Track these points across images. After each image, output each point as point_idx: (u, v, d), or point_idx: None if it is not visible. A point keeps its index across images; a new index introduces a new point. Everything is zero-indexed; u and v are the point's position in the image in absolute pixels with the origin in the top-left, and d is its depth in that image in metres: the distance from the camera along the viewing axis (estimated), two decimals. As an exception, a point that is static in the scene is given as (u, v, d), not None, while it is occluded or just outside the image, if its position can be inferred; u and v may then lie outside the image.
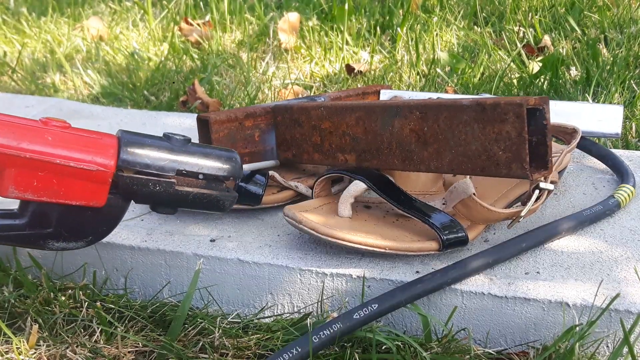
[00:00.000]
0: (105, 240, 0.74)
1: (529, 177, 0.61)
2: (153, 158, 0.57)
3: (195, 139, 0.85)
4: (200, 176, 0.59)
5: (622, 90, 1.20)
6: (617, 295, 0.60)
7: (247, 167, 0.77)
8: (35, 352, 0.66)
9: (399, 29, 1.51)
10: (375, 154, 0.72)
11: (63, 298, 0.72)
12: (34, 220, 0.56)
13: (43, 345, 0.66)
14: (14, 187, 0.52)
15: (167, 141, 0.58)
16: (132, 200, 0.59)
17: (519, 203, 0.72)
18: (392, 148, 0.71)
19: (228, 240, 0.73)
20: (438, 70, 1.33)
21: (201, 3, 1.80)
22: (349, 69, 1.38)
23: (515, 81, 1.28)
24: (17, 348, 0.65)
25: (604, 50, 1.38)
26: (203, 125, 0.81)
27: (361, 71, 1.37)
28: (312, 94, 1.30)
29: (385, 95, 0.97)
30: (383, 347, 0.62)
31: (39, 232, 0.56)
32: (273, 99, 1.30)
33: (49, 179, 0.53)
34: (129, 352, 0.65)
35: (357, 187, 0.72)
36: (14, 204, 0.58)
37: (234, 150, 0.63)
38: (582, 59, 1.34)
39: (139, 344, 0.66)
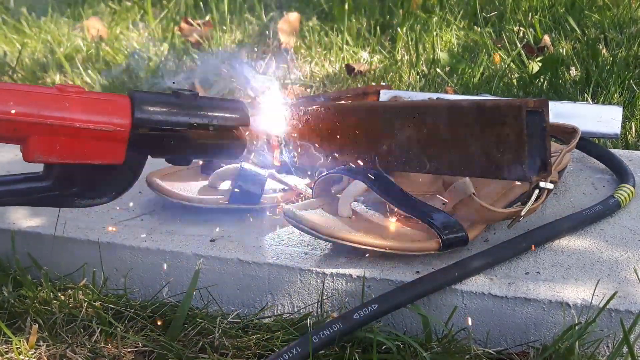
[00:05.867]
0: (105, 239, 0.74)
1: (528, 179, 0.61)
2: (165, 114, 0.59)
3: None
4: (211, 127, 0.61)
5: (621, 91, 1.20)
6: (615, 294, 0.60)
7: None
8: (35, 352, 0.65)
9: (399, 28, 1.51)
10: (375, 155, 0.72)
11: (63, 298, 0.72)
12: (59, 181, 0.59)
13: (43, 345, 0.66)
14: (38, 153, 0.55)
15: (177, 97, 0.61)
16: (149, 155, 0.62)
17: (519, 203, 0.72)
18: (391, 149, 0.70)
19: (228, 240, 0.73)
20: (438, 70, 1.33)
21: (201, 3, 1.80)
22: (349, 69, 1.38)
23: (515, 81, 1.28)
24: (17, 348, 0.65)
25: (604, 50, 1.38)
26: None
27: (361, 71, 1.37)
28: (312, 94, 1.30)
29: (385, 95, 0.97)
30: (383, 347, 0.62)
31: (65, 192, 0.59)
32: (273, 99, 1.30)
33: (70, 142, 0.56)
34: (128, 352, 0.65)
35: (357, 187, 0.72)
36: (37, 167, 0.60)
37: (240, 100, 0.65)
38: (582, 59, 1.34)
39: (138, 343, 0.66)
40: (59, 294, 0.73)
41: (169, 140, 0.60)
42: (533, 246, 0.68)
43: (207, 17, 1.73)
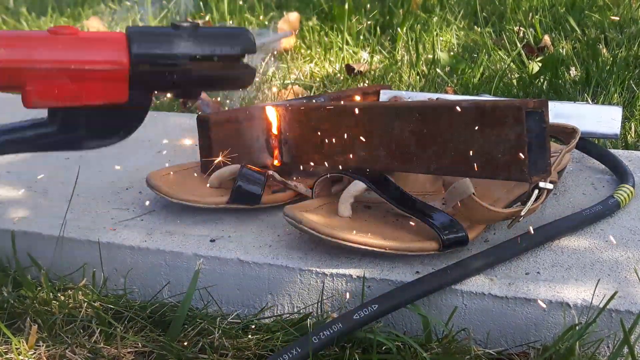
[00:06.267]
0: (105, 240, 0.74)
1: (528, 180, 0.61)
2: (164, 48, 0.58)
3: (195, 139, 0.85)
4: (215, 58, 0.60)
5: (621, 91, 1.20)
6: (615, 294, 0.60)
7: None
8: (34, 353, 0.65)
9: (399, 28, 1.51)
10: (374, 155, 0.72)
11: (62, 298, 0.72)
12: (65, 125, 0.58)
13: (42, 345, 0.66)
14: (37, 98, 0.54)
15: (176, 29, 0.59)
16: (154, 91, 0.60)
17: (519, 203, 0.72)
18: (391, 149, 0.71)
19: (228, 240, 0.73)
20: (438, 70, 1.33)
21: (201, 3, 1.80)
22: (349, 69, 1.38)
23: (515, 81, 1.28)
24: (17, 348, 0.65)
25: (604, 51, 1.38)
26: (203, 125, 0.81)
27: (361, 71, 1.37)
28: (312, 94, 1.30)
29: (385, 95, 0.96)
30: (383, 348, 0.62)
31: (72, 136, 0.59)
32: (273, 99, 1.30)
33: (67, 85, 0.55)
34: (128, 352, 0.65)
35: (357, 187, 0.72)
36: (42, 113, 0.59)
37: (243, 27, 0.64)
38: (582, 59, 1.34)
39: (138, 344, 0.66)
40: (59, 294, 0.73)
41: (172, 74, 0.58)
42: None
43: (207, 17, 1.73)
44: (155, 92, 0.60)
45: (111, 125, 0.59)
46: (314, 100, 0.91)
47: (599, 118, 0.89)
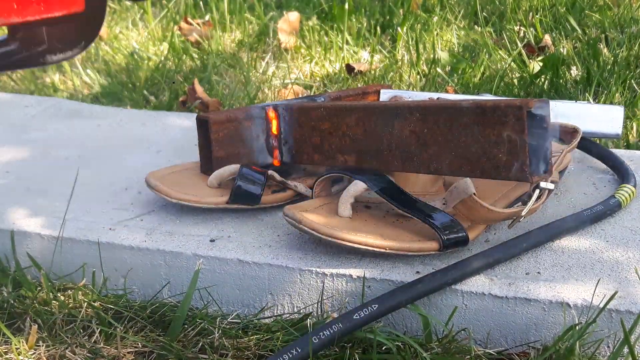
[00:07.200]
0: (105, 240, 0.74)
1: (529, 180, 0.61)
2: None
3: (194, 138, 0.85)
4: None
5: (622, 90, 1.20)
6: (615, 294, 0.60)
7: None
8: (34, 353, 0.65)
9: (399, 28, 1.51)
10: (375, 155, 0.72)
11: (62, 298, 0.72)
12: (26, 41, 0.59)
13: (42, 345, 0.66)
14: None
15: None
16: None
17: (520, 203, 0.72)
18: (392, 149, 0.70)
19: (228, 240, 0.73)
20: (438, 70, 1.33)
21: (201, 2, 1.80)
22: (349, 69, 1.38)
23: (515, 81, 1.28)
24: (17, 348, 0.65)
25: (605, 50, 1.38)
26: (202, 125, 0.81)
27: (361, 71, 1.37)
28: (312, 94, 1.30)
29: (385, 95, 0.96)
30: (383, 348, 0.62)
31: (35, 51, 0.59)
32: (273, 98, 1.30)
33: None
34: (128, 352, 0.65)
35: (357, 187, 0.72)
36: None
37: None
38: (583, 58, 1.34)
39: (138, 344, 0.66)
40: (59, 294, 0.73)
41: None
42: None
43: (207, 17, 1.73)
44: None
45: (70, 36, 0.59)
46: (315, 100, 0.91)
47: (601, 118, 0.89)
